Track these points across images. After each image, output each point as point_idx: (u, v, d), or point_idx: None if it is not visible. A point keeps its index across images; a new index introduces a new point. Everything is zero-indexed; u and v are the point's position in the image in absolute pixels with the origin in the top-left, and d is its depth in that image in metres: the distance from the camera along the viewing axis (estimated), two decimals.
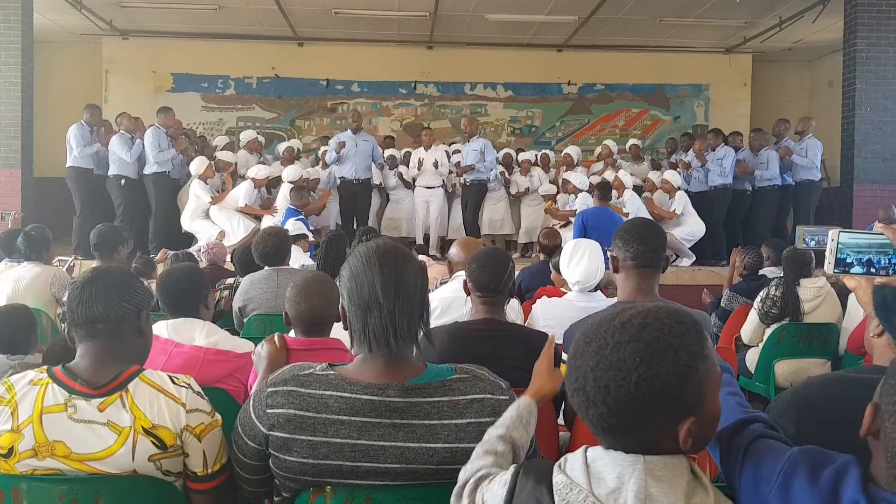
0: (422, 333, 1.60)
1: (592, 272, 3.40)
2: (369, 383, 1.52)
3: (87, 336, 1.70)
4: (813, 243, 1.58)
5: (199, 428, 1.66)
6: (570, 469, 1.16)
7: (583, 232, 6.77)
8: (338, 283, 1.66)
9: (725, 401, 1.42)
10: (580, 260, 3.41)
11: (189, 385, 1.71)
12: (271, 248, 4.03)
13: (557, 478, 1.15)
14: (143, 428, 1.62)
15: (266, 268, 4.03)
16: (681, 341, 1.09)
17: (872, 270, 1.42)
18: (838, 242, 1.44)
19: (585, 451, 1.18)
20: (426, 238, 9.36)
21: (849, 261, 1.44)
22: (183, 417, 1.65)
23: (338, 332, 2.15)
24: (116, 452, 1.60)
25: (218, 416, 1.72)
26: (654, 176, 9.02)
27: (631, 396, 1.08)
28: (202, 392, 1.73)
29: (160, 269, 5.26)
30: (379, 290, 1.53)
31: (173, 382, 1.70)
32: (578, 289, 3.44)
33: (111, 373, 1.67)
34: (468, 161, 8.93)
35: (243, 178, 8.73)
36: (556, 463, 1.19)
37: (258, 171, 8.52)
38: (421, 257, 6.04)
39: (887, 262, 1.41)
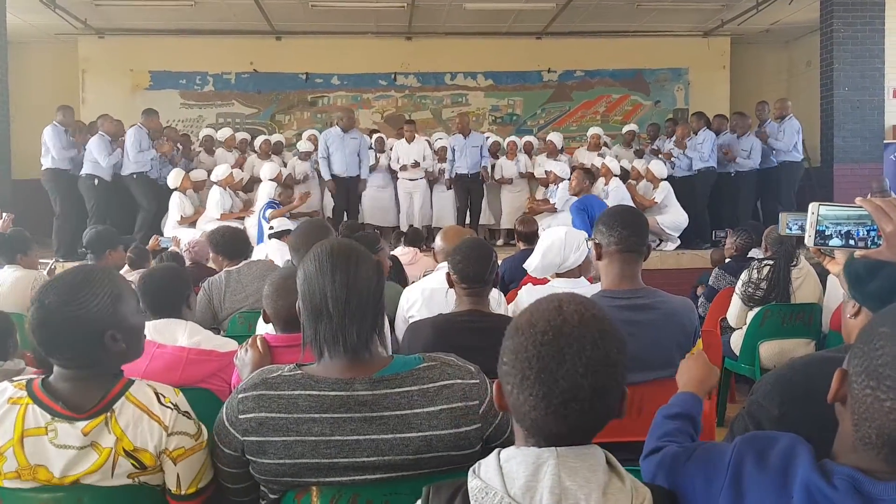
0: (375, 338, 1.58)
1: (550, 261, 3.41)
2: (337, 379, 1.52)
3: (60, 364, 1.62)
4: (796, 228, 1.56)
5: (176, 452, 1.62)
6: (485, 473, 1.13)
7: (587, 218, 6.61)
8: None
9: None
10: (540, 247, 3.46)
11: (176, 406, 1.65)
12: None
13: (472, 483, 1.13)
14: (124, 450, 1.58)
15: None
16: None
17: (851, 242, 1.42)
18: (818, 215, 1.44)
19: (499, 453, 1.15)
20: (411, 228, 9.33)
21: (828, 233, 1.44)
22: (163, 441, 1.61)
23: None
24: (97, 471, 1.57)
25: (203, 438, 1.67)
26: (639, 164, 9.01)
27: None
28: (190, 411, 1.68)
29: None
30: (329, 298, 1.52)
31: (160, 402, 1.63)
32: (538, 276, 3.48)
33: (97, 394, 1.60)
34: (472, 157, 9.11)
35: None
36: (472, 468, 1.16)
37: (222, 171, 8.45)
38: (408, 249, 6.06)
39: (865, 233, 1.41)
